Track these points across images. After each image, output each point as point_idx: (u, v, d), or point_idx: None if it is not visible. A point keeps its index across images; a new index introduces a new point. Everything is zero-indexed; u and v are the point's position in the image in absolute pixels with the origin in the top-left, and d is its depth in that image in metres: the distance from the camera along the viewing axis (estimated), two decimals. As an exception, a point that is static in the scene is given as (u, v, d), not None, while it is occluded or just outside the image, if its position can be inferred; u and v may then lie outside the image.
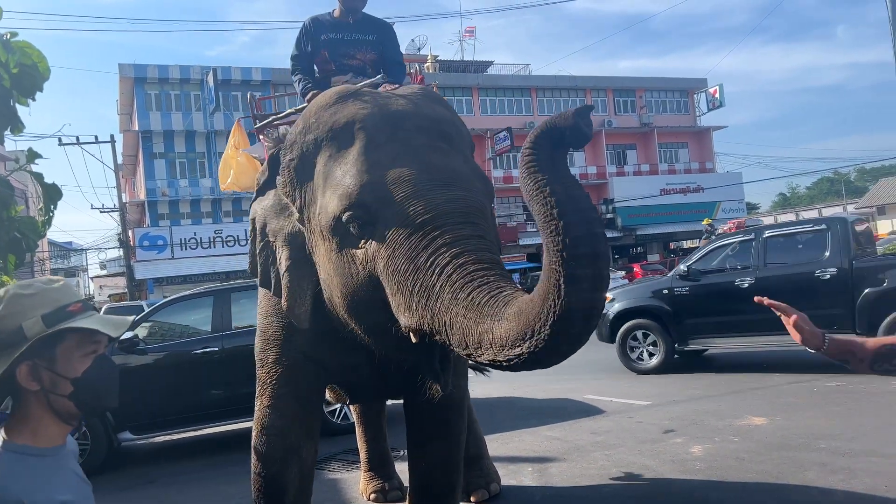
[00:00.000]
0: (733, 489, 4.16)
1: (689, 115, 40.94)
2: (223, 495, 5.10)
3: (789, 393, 6.62)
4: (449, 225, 2.17)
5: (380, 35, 3.74)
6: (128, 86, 30.84)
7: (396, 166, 2.37)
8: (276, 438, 3.09)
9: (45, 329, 1.29)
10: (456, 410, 3.28)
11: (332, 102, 2.67)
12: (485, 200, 2.44)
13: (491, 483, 4.40)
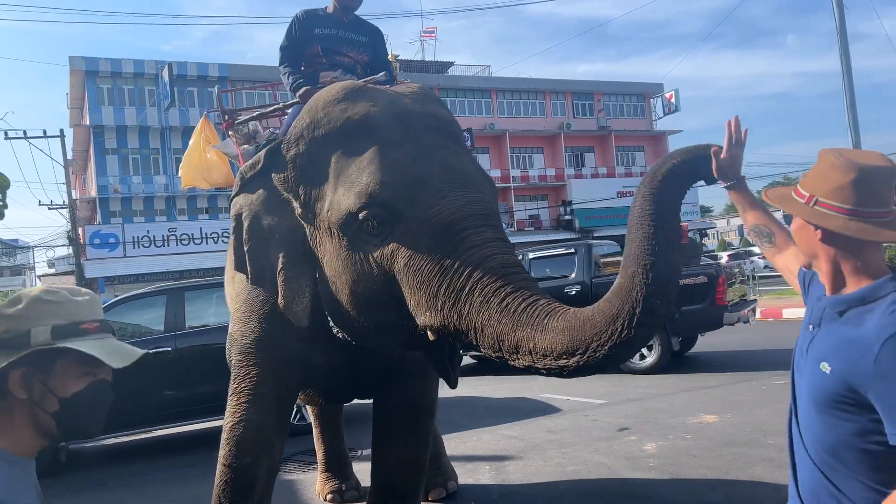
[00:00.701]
0: (685, 485, 4.24)
1: (646, 119, 41.65)
2: (176, 498, 5.01)
3: (739, 391, 6.78)
4: (473, 227, 2.26)
5: (372, 38, 3.73)
6: (79, 79, 29.97)
7: (416, 166, 2.41)
8: (253, 431, 3.03)
9: (51, 340, 1.24)
10: (426, 412, 3.32)
11: (341, 98, 2.65)
12: (495, 202, 2.58)
13: (448, 481, 4.42)
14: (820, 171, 1.46)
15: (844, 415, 1.38)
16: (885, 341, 1.29)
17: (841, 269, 1.44)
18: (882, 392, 1.29)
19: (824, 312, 1.47)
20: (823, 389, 1.41)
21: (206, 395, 6.28)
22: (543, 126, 38.20)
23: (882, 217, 1.40)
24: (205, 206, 31.30)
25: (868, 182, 1.40)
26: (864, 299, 1.39)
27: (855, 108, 13.73)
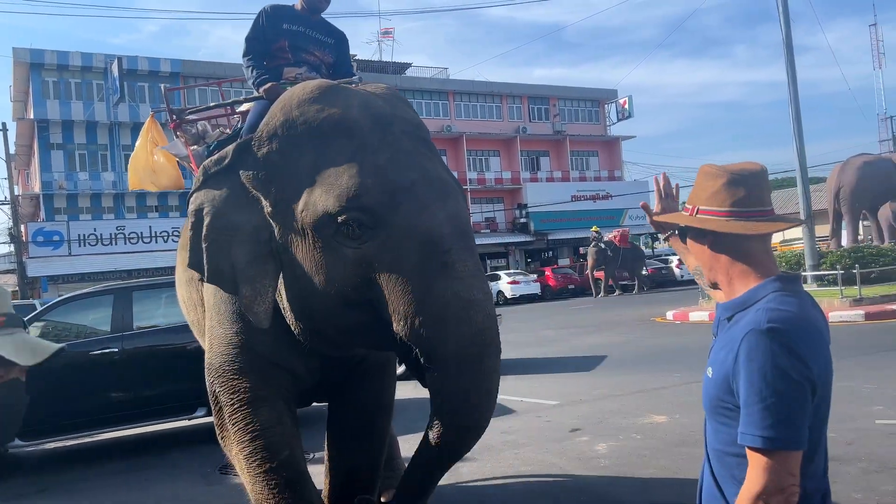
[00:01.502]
0: (635, 484, 4.31)
1: (600, 125, 42.32)
2: (123, 501, 4.87)
3: (689, 392, 6.92)
4: (457, 249, 2.35)
5: (337, 42, 3.72)
6: (23, 71, 28.95)
7: (397, 172, 2.43)
8: (275, 428, 2.85)
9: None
10: (384, 413, 3.32)
11: (317, 97, 2.62)
12: (467, 210, 2.69)
13: None
14: (697, 183, 1.54)
15: (725, 419, 1.41)
16: (743, 338, 1.33)
17: (732, 276, 1.49)
18: (737, 388, 1.34)
19: (720, 320, 1.52)
20: (708, 395, 1.45)
21: (154, 398, 6.14)
22: (500, 129, 38.47)
23: (762, 216, 1.46)
24: (155, 205, 30.58)
25: (740, 183, 1.47)
26: (745, 303, 1.43)
27: (800, 117, 14.18)
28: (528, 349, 12.12)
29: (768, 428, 1.27)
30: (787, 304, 1.37)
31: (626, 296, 24.74)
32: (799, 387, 1.29)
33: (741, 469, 1.36)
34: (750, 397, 1.30)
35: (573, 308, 20.85)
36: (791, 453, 1.28)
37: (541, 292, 27.90)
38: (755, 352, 1.31)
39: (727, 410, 1.39)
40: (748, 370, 1.31)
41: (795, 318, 1.35)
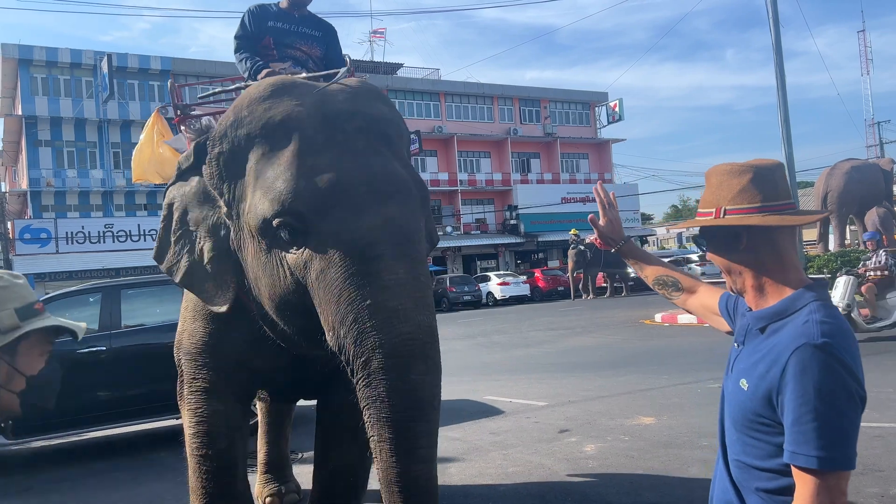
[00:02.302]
0: (623, 485, 4.32)
1: (591, 127, 42.45)
2: (107, 501, 4.84)
3: (676, 394, 6.96)
4: (387, 258, 2.22)
5: (325, 34, 3.72)
6: (11, 67, 28.72)
7: (333, 174, 2.33)
8: (220, 419, 2.98)
9: (19, 323, 1.25)
10: None
11: (267, 95, 2.57)
12: (420, 213, 2.47)
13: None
14: (716, 184, 1.46)
15: (759, 434, 1.34)
16: (794, 351, 1.26)
17: (764, 282, 1.41)
18: (783, 404, 1.27)
19: (748, 329, 1.45)
20: (741, 407, 1.38)
21: (141, 397, 6.10)
22: (491, 131, 38.52)
23: (790, 207, 1.41)
24: (143, 203, 30.41)
25: (768, 177, 1.41)
26: (782, 313, 1.36)
27: (788, 121, 14.27)
28: (517, 350, 12.14)
29: (824, 448, 1.21)
30: (833, 316, 1.31)
31: (613, 298, 24.81)
32: (853, 404, 1.24)
33: (770, 482, 1.33)
34: (803, 415, 1.22)
35: (562, 310, 20.90)
36: (844, 473, 1.23)
37: (530, 294, 27.97)
38: (810, 367, 1.24)
39: (763, 426, 1.33)
40: (801, 386, 1.23)
41: (845, 330, 1.29)
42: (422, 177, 2.74)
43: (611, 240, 1.92)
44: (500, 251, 37.25)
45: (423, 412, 2.17)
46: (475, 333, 15.70)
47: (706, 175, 1.50)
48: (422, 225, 2.48)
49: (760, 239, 1.40)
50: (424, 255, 2.44)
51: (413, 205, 2.43)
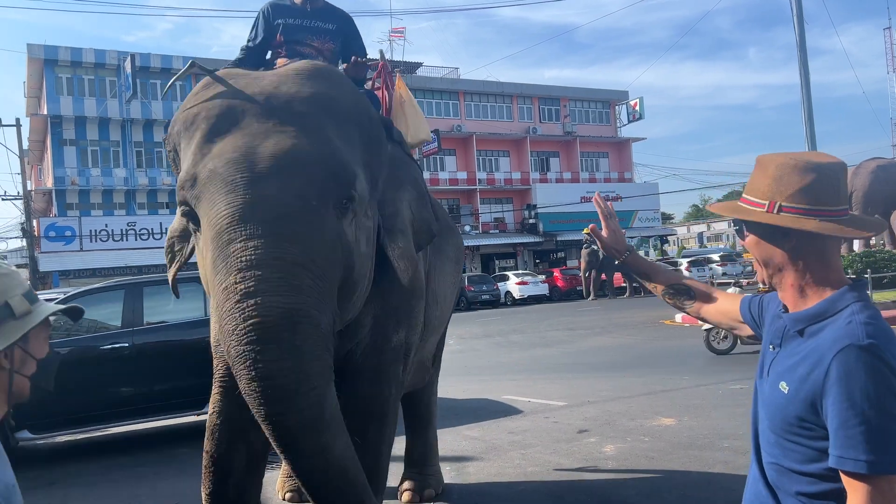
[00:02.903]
0: (643, 486, 4.30)
1: (611, 126, 42.21)
2: (128, 496, 4.90)
3: (697, 395, 6.90)
4: (244, 238, 2.13)
5: (340, 25, 3.60)
6: (37, 67, 29.16)
7: (214, 160, 2.31)
8: (225, 421, 3.01)
9: (30, 307, 1.28)
10: (375, 419, 3.11)
11: (198, 90, 2.63)
12: (312, 192, 2.29)
13: (426, 489, 4.25)
14: (774, 176, 1.38)
15: (801, 438, 1.31)
16: (837, 353, 1.23)
17: (806, 282, 1.36)
18: (827, 407, 1.24)
19: (785, 331, 1.40)
20: (781, 410, 1.34)
21: (163, 393, 6.17)
22: (510, 130, 38.44)
23: (846, 214, 1.35)
24: (165, 201, 30.72)
25: (830, 180, 1.34)
26: (823, 314, 1.32)
27: (812, 120, 14.10)
28: (536, 350, 12.11)
29: (873, 452, 1.17)
30: (875, 317, 1.27)
31: (633, 298, 24.64)
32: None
33: (811, 486, 1.30)
34: (849, 419, 1.19)
35: (581, 309, 20.80)
36: (894, 477, 1.19)
37: (549, 293, 27.87)
38: (855, 369, 1.20)
39: (804, 429, 1.29)
40: (846, 389, 1.20)
41: (888, 331, 1.25)
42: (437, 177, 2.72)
43: (614, 251, 1.89)
44: (518, 250, 37.18)
45: (287, 403, 2.08)
46: (493, 333, 15.68)
47: (761, 161, 1.42)
48: (313, 203, 2.28)
49: (809, 241, 1.35)
50: (308, 232, 2.23)
51: (300, 182, 2.27)
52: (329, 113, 2.53)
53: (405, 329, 3.15)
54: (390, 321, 3.06)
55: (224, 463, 3.05)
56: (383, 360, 3.08)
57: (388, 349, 3.08)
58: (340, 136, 2.52)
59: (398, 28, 43.19)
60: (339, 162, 2.40)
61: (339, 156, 2.42)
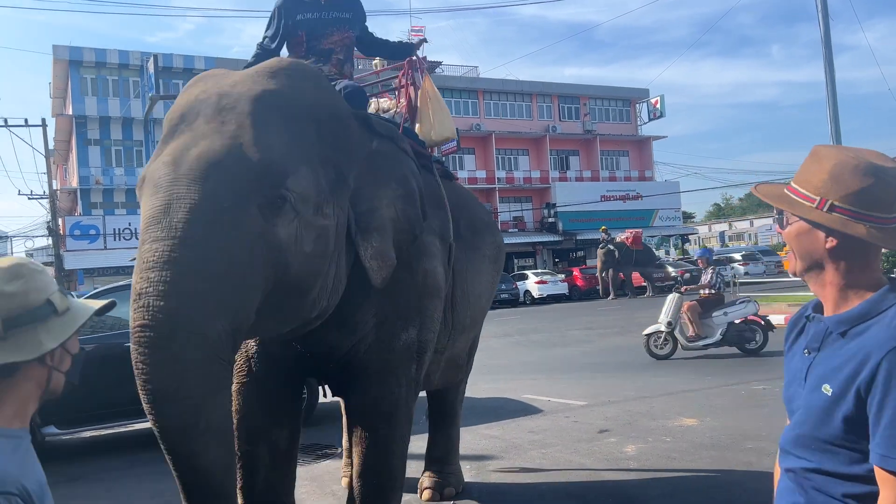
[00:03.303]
0: (664, 487, 4.26)
1: (631, 124, 41.93)
2: (151, 492, 4.95)
3: (719, 395, 6.84)
4: (150, 239, 2.19)
5: (356, 11, 3.55)
6: (62, 68, 29.62)
7: (157, 160, 2.38)
8: (242, 420, 3.04)
9: (68, 304, 1.28)
10: (385, 419, 3.08)
11: (185, 88, 2.73)
12: (226, 194, 2.26)
13: (446, 487, 4.25)
14: (831, 172, 1.33)
15: (843, 440, 1.29)
16: (887, 354, 1.22)
17: (847, 282, 1.34)
18: (874, 407, 1.22)
19: (826, 334, 1.37)
20: (825, 412, 1.31)
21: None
22: (529, 128, 38.32)
23: (893, 223, 1.31)
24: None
25: (887, 186, 1.30)
26: (867, 315, 1.30)
27: (837, 118, 13.91)
28: (555, 349, 12.06)
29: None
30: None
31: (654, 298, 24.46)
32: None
33: (858, 488, 1.28)
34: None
35: (601, 309, 20.68)
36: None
37: (568, 292, 27.72)
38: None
39: (850, 432, 1.28)
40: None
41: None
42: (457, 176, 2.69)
43: None
44: (537, 249, 37.05)
45: (160, 407, 2.13)
46: (512, 332, 15.64)
47: (818, 153, 1.38)
48: (225, 205, 2.25)
49: (854, 242, 1.32)
50: (210, 235, 2.19)
51: (213, 184, 2.24)
52: (277, 110, 2.53)
53: (416, 328, 3.10)
54: (398, 320, 3.03)
55: (249, 459, 3.08)
56: (392, 359, 3.05)
57: (396, 348, 3.04)
58: (288, 133, 2.50)
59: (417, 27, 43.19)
60: (264, 162, 2.35)
61: (268, 155, 2.37)
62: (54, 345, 1.22)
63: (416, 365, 3.17)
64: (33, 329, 1.21)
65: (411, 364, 3.13)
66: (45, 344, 1.21)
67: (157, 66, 28.04)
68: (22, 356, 1.19)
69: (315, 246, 2.50)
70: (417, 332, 3.11)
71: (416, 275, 3.09)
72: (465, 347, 4.08)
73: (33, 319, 1.21)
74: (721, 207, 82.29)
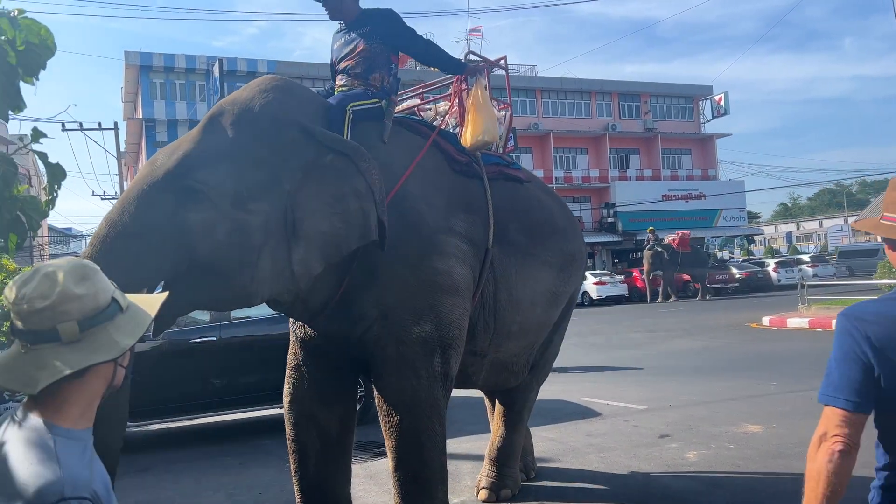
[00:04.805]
0: (728, 496, 4.14)
1: (694, 122, 40.92)
2: (216, 485, 5.09)
3: (786, 402, 6.61)
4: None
5: (374, 25, 3.52)
6: (133, 73, 30.79)
7: None
8: (290, 404, 3.44)
9: (129, 301, 1.29)
10: (406, 409, 3.13)
11: None
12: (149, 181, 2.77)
13: (502, 489, 4.23)
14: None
15: None
16: None
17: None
18: None
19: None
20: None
21: (248, 386, 6.39)
22: (588, 127, 37.84)
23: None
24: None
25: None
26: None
27: (915, 113, 13.25)
28: (614, 352, 11.88)
29: None
30: None
31: (704, 302, 23.82)
32: None
33: None
34: None
35: (661, 311, 20.28)
36: None
37: (628, 294, 27.22)
38: None
39: None
40: None
41: None
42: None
43: None
44: (596, 250, 36.53)
45: None
46: (570, 333, 15.42)
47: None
48: (144, 188, 2.76)
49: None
50: (136, 207, 2.71)
51: (144, 174, 2.83)
52: (224, 116, 2.95)
53: (431, 323, 3.18)
54: (405, 314, 3.15)
55: (300, 445, 3.37)
56: (406, 352, 3.15)
57: (410, 341, 3.15)
58: (222, 135, 2.90)
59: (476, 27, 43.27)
60: (182, 157, 2.81)
61: (188, 151, 2.84)
62: (132, 342, 1.23)
63: (441, 359, 3.21)
64: (104, 328, 1.22)
65: (432, 357, 3.18)
66: (122, 342, 1.22)
67: (221, 70, 28.79)
68: (103, 356, 1.19)
69: (230, 236, 2.78)
70: (435, 327, 3.18)
71: (419, 272, 3.17)
72: (520, 354, 4.00)
73: (104, 319, 1.22)
74: (788, 207, 79.57)
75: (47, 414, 1.19)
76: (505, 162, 4.02)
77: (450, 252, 3.26)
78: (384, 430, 3.21)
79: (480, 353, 3.65)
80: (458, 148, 3.66)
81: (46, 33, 2.21)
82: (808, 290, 15.25)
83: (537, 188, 4.21)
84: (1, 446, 1.16)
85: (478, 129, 3.66)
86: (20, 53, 2.17)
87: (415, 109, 4.28)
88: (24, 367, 1.18)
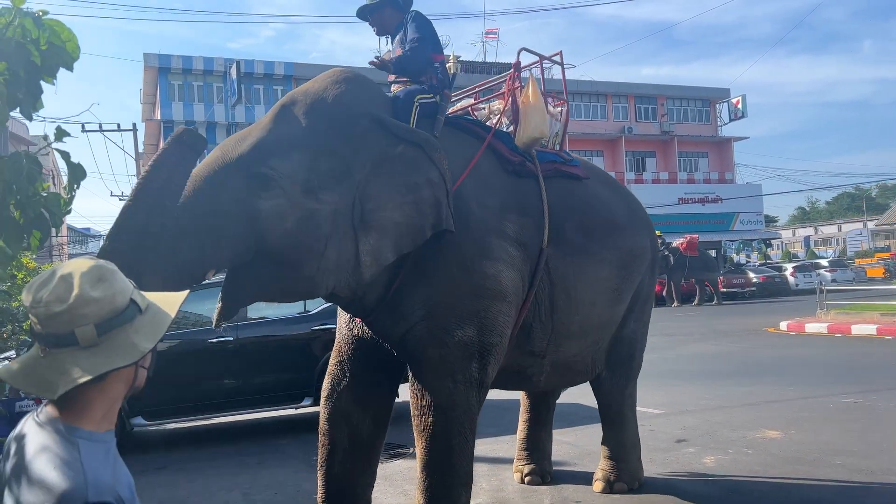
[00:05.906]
0: (747, 501, 4.10)
1: (711, 125, 40.62)
2: (232, 483, 5.11)
3: (804, 407, 6.53)
4: None
5: (398, 28, 3.62)
6: (152, 75, 31.05)
7: None
8: (326, 399, 3.43)
9: (148, 301, 1.26)
10: (441, 412, 3.11)
11: None
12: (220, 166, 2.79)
13: (616, 482, 4.27)
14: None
15: None
16: None
17: None
18: None
19: None
20: None
21: (263, 386, 6.41)
22: (604, 129, 37.68)
23: None
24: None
25: None
26: None
27: (938, 116, 13.07)
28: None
29: None
30: None
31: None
32: None
33: None
34: None
35: (678, 314, 20.13)
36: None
37: (644, 297, 26.98)
38: None
39: None
40: None
41: None
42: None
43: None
44: (612, 253, 36.35)
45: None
46: (586, 336, 15.39)
47: None
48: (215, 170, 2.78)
49: None
50: (207, 189, 2.70)
51: (215, 157, 2.85)
52: (297, 106, 2.97)
53: (474, 328, 3.16)
54: (450, 317, 3.12)
55: (330, 441, 3.36)
56: (447, 354, 3.13)
57: (451, 343, 3.12)
58: (296, 125, 2.91)
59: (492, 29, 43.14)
60: (255, 144, 2.82)
61: (262, 138, 2.84)
62: (151, 345, 1.21)
63: (478, 365, 3.19)
64: (123, 331, 1.19)
65: (470, 362, 3.16)
66: (141, 345, 1.19)
67: (239, 71, 29.02)
68: (122, 361, 1.17)
69: (299, 225, 2.77)
70: (477, 332, 3.16)
71: (471, 276, 3.16)
72: (582, 353, 3.96)
73: (123, 322, 1.19)
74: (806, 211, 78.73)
75: (69, 417, 1.17)
76: (562, 159, 3.97)
77: (499, 256, 3.25)
78: (415, 431, 3.18)
79: (539, 354, 3.63)
80: (511, 147, 3.63)
81: (69, 36, 2.22)
82: (826, 295, 15.06)
83: (598, 183, 4.14)
84: (23, 450, 1.15)
85: (528, 126, 3.66)
86: (43, 53, 2.18)
87: (469, 109, 4.26)
88: (43, 371, 1.16)
